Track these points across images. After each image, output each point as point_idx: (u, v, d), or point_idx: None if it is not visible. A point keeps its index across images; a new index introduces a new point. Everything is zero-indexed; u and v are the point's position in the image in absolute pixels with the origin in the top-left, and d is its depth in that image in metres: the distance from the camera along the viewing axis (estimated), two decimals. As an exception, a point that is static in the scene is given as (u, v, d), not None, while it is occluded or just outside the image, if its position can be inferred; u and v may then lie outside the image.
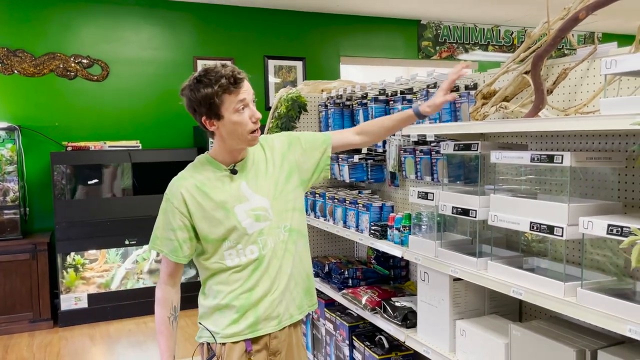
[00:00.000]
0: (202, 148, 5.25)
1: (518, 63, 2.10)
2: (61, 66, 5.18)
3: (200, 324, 1.86)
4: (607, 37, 7.30)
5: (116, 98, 5.37)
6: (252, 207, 1.79)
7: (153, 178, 5.23)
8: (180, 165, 6.23)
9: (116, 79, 5.38)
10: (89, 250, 4.96)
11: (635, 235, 1.24)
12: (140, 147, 5.11)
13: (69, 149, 4.85)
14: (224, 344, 1.79)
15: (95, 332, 4.62)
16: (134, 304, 4.99)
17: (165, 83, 5.54)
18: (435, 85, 2.52)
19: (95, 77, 5.30)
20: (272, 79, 5.96)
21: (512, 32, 7.32)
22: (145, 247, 5.14)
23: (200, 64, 5.66)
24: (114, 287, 5.02)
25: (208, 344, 1.83)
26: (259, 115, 1.73)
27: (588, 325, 1.86)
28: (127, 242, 5.01)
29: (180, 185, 1.77)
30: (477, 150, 1.98)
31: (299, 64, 6.05)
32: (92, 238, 4.88)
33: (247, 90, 1.71)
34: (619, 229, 1.43)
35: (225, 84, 1.65)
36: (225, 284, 1.79)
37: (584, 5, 1.78)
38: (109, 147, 5.01)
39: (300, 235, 1.91)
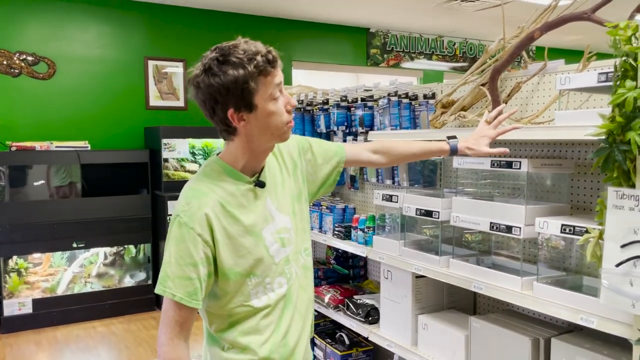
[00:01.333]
0: (154, 150, 5.19)
1: (476, 75, 2.27)
2: (4, 63, 4.99)
3: None
4: (540, 50, 7.78)
5: (63, 97, 5.22)
6: (277, 229, 1.44)
7: (103, 179, 5.14)
8: (131, 167, 6.04)
9: (63, 78, 5.23)
10: (35, 253, 4.79)
11: (589, 233, 1.40)
12: (89, 148, 4.99)
13: (14, 149, 4.68)
14: None
15: (41, 338, 4.47)
16: (81, 308, 4.86)
17: (115, 83, 5.43)
18: (396, 94, 2.66)
19: (42, 75, 5.13)
20: (224, 82, 5.97)
21: (455, 43, 7.66)
22: (94, 250, 5.03)
23: (151, 65, 5.60)
24: (60, 291, 4.88)
25: None
26: (294, 102, 1.38)
27: (539, 316, 2.05)
28: (75, 245, 4.88)
29: (204, 204, 1.33)
30: (440, 156, 2.13)
31: (251, 68, 6.09)
32: (38, 241, 4.72)
33: (280, 72, 1.35)
34: (572, 228, 1.60)
35: (261, 63, 1.27)
36: (257, 333, 1.40)
37: (537, 26, 1.97)
38: (56, 147, 4.86)
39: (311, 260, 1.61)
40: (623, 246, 1.30)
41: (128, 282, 5.18)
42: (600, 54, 1.88)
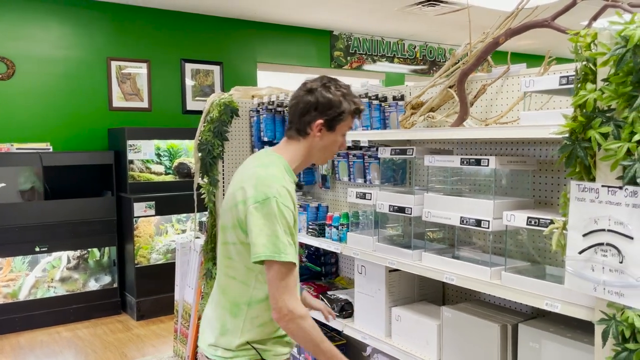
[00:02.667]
0: (118, 151, 5.13)
1: (444, 78, 2.38)
2: (-39, 62, 4.84)
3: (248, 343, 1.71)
4: (496, 55, 8.04)
5: (24, 98, 5.10)
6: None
7: (66, 182, 5.05)
8: (95, 169, 5.96)
9: (24, 78, 5.11)
10: (-4, 258, 4.67)
11: (554, 224, 1.52)
12: (51, 150, 4.90)
13: (-28, 151, 4.56)
14: None
15: (4, 344, 4.36)
16: (45, 313, 4.77)
17: (77, 83, 5.35)
18: (366, 95, 2.76)
19: (0, 76, 5.00)
20: (189, 82, 5.95)
21: (415, 46, 7.85)
22: (56, 254, 4.92)
23: (114, 65, 5.54)
24: (22, 296, 4.76)
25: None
26: (346, 146, 1.87)
27: (506, 305, 2.17)
28: (37, 249, 4.78)
29: (288, 189, 1.67)
30: (412, 155, 2.23)
31: (216, 69, 6.09)
32: (-1, 245, 4.61)
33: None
34: (537, 220, 1.72)
35: (359, 109, 1.76)
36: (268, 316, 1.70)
37: (502, 32, 2.09)
38: (17, 149, 4.76)
39: None
40: (585, 235, 1.42)
41: (93, 285, 5.10)
42: (556, 58, 2.02)
